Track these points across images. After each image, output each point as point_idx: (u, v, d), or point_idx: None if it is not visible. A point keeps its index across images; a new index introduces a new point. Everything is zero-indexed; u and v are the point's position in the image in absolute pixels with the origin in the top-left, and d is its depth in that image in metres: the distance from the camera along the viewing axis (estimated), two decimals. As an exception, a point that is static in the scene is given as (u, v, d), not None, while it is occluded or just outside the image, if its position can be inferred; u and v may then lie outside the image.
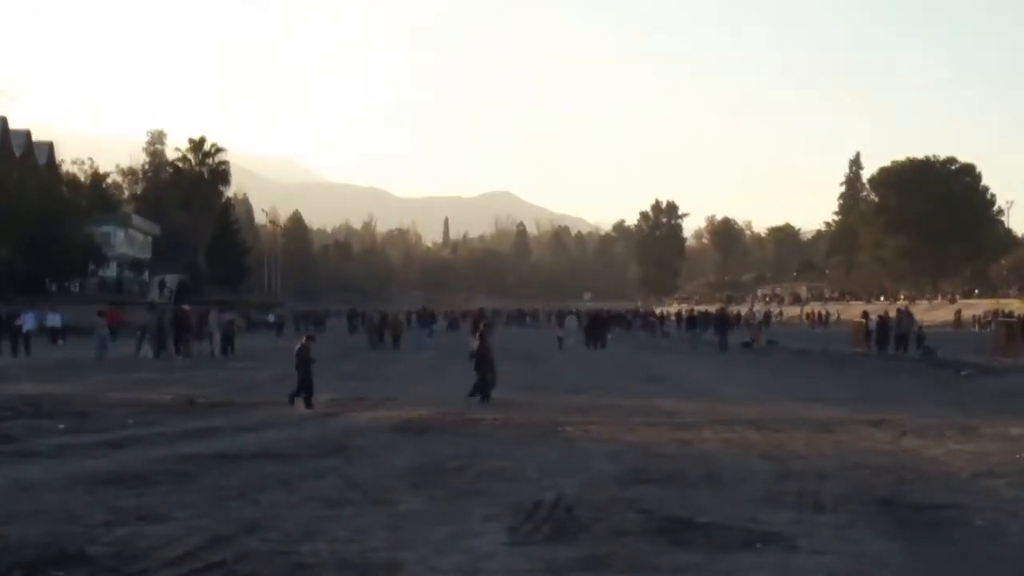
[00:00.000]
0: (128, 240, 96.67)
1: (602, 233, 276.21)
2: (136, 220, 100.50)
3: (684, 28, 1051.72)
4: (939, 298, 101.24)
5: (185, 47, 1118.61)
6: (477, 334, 22.05)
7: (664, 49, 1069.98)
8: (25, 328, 36.54)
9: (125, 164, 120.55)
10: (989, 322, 70.72)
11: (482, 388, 20.43)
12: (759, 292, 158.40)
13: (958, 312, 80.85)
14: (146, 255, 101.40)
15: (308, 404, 18.83)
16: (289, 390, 19.22)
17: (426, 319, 55.87)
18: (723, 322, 46.61)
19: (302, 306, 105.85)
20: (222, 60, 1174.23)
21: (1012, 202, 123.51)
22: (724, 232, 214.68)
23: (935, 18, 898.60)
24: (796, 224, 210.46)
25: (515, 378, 26.96)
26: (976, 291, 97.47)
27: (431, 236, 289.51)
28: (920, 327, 41.92)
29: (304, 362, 19.31)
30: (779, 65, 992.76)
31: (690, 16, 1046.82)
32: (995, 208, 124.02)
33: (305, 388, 19.04)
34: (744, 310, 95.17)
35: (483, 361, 20.81)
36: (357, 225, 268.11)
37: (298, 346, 20.03)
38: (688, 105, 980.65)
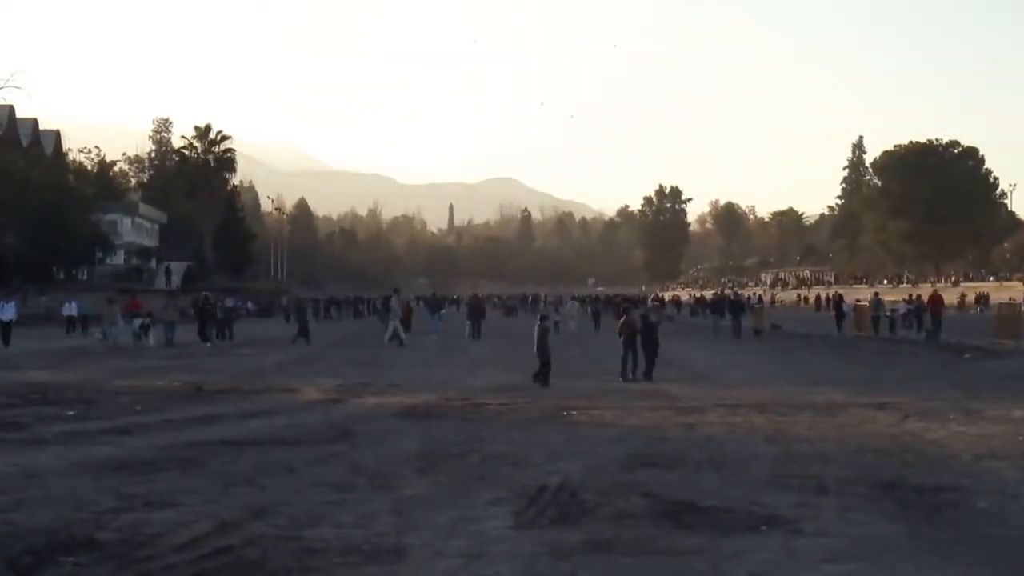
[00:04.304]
0: (135, 228, 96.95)
1: (606, 219, 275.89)
2: (143, 208, 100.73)
3: (687, 11, 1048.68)
4: (942, 281, 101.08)
5: (186, 34, 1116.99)
6: (623, 318, 23.42)
7: (667, 33, 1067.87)
8: (6, 318, 36.12)
9: (131, 152, 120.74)
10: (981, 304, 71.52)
11: (649, 368, 22.07)
12: (763, 276, 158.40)
13: (962, 295, 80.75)
14: (153, 243, 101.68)
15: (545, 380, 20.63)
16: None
17: (435, 304, 56.84)
18: (737, 307, 46.51)
19: (304, 293, 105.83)
20: (223, 47, 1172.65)
21: (1015, 185, 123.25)
22: (727, 217, 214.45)
23: (938, 2, 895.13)
24: (799, 208, 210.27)
25: (519, 362, 27.03)
26: (991, 277, 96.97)
27: (436, 222, 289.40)
28: (893, 311, 44.61)
29: (543, 341, 21.14)
30: (782, 49, 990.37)
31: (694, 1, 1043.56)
32: (998, 191, 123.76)
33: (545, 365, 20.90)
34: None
35: (651, 340, 22.32)
36: (362, 212, 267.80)
37: (538, 330, 21.46)
38: (691, 90, 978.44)
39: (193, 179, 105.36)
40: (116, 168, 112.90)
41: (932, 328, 38.26)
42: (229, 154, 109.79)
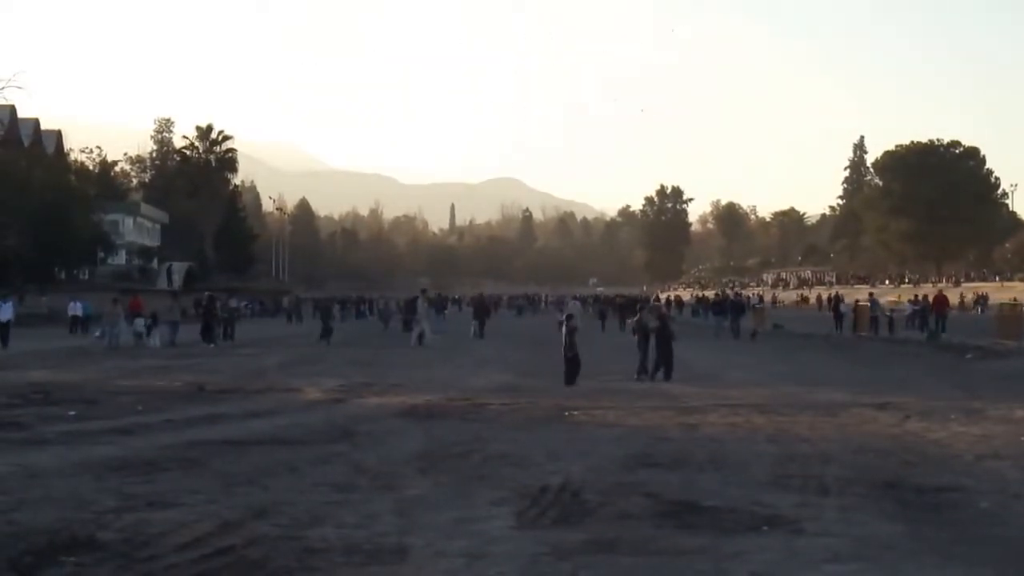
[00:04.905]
0: (136, 228, 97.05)
1: (607, 219, 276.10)
2: (144, 208, 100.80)
3: (689, 10, 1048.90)
4: (944, 281, 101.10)
5: (187, 34, 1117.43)
6: (637, 318, 23.99)
7: (668, 33, 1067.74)
8: (3, 319, 35.45)
9: (132, 152, 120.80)
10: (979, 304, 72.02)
11: (668, 369, 22.24)
12: (765, 276, 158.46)
13: (961, 295, 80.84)
14: (155, 243, 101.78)
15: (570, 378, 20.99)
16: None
17: (439, 304, 56.90)
18: (738, 308, 46.47)
19: (310, 293, 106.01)
20: (224, 47, 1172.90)
21: (1016, 185, 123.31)
22: (729, 217, 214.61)
23: (939, 2, 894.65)
24: (801, 208, 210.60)
25: (522, 362, 27.06)
26: (996, 277, 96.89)
27: (437, 222, 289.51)
28: (892, 311, 45.17)
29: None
30: (783, 49, 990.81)
31: (695, 1, 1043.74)
32: (999, 192, 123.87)
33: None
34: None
35: (665, 340, 22.53)
36: (363, 212, 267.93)
37: (565, 329, 21.74)
38: (693, 90, 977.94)
39: (195, 179, 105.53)
40: (118, 168, 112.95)
41: (935, 328, 38.28)
42: (230, 154, 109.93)
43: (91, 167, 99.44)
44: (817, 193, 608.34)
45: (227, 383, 21.36)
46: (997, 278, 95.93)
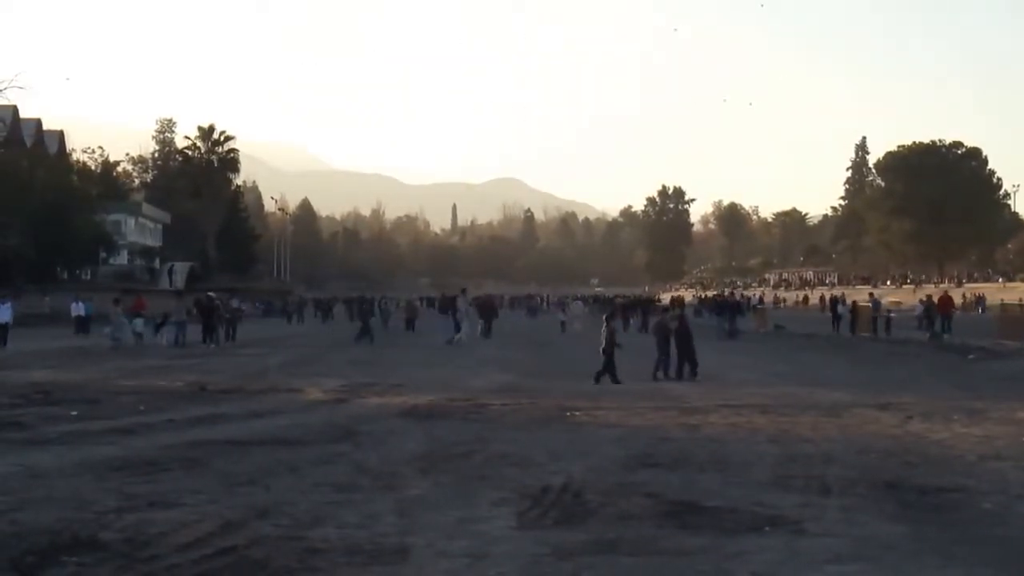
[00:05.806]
0: (139, 228, 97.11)
1: (609, 219, 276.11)
2: (146, 208, 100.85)
3: (689, 12, 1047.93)
4: (946, 282, 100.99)
5: (188, 35, 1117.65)
6: (657, 320, 24.87)
7: (669, 34, 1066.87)
8: (2, 320, 35.50)
9: (134, 152, 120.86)
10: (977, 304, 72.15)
11: (693, 367, 22.72)
12: (767, 276, 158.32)
13: (963, 296, 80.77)
14: (156, 243, 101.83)
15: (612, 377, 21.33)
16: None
17: (443, 306, 56.95)
18: (734, 308, 46.42)
19: (311, 293, 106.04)
20: (225, 48, 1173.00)
21: (1018, 186, 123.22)
22: (730, 217, 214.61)
23: (942, 2, 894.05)
24: (802, 209, 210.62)
25: (522, 363, 27.03)
26: (1000, 279, 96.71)
27: (439, 223, 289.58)
28: (889, 312, 45.67)
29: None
30: (785, 50, 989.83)
31: (696, 1, 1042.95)
32: (1001, 192, 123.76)
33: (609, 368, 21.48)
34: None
35: (686, 341, 22.97)
36: (365, 212, 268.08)
37: (605, 331, 22.10)
38: (694, 90, 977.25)
39: (196, 179, 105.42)
40: (120, 168, 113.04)
41: (939, 329, 38.22)
42: (232, 154, 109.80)
43: (93, 167, 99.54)
44: (819, 193, 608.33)
45: (229, 383, 21.36)
46: (1000, 279, 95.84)
